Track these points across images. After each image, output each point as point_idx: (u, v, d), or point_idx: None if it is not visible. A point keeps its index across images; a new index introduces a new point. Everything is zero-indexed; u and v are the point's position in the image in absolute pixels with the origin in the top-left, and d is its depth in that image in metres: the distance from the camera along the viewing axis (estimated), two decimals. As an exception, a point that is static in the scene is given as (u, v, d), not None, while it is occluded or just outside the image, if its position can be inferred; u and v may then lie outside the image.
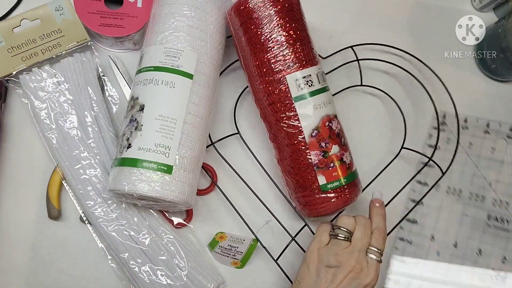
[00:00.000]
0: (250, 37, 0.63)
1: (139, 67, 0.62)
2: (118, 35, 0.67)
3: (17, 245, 0.65)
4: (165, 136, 0.58)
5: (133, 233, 0.65)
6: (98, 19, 0.66)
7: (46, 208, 0.66)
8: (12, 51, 0.65)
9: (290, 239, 0.68)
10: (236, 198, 0.69)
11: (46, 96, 0.66)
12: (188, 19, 0.62)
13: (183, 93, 0.60)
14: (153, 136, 0.58)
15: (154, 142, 0.58)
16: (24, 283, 0.65)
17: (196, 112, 0.61)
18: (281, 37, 0.62)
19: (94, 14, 0.66)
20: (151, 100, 0.59)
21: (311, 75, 0.62)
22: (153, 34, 0.62)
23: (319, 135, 0.62)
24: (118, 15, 0.67)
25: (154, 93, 0.59)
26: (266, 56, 0.62)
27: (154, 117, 0.58)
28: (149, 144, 0.58)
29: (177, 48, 0.61)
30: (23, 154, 0.67)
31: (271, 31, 0.62)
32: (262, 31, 0.62)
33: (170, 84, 0.60)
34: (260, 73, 0.63)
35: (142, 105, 0.59)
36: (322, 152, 0.62)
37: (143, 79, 0.60)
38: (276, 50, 0.62)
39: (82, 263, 0.66)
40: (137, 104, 0.59)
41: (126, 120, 0.61)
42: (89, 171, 0.65)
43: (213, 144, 0.69)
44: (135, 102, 0.60)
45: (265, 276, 0.70)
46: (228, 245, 0.67)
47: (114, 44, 0.69)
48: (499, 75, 0.79)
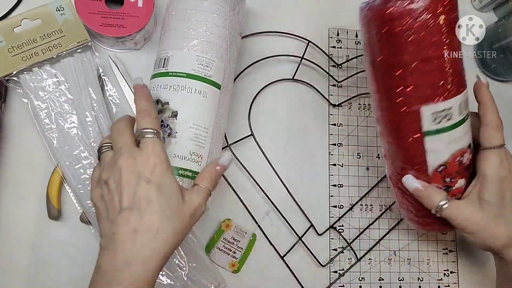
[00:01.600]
0: (391, 54, 0.54)
1: (165, 69, 0.61)
2: (119, 35, 0.66)
3: (17, 245, 0.65)
4: (198, 145, 0.59)
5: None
6: (99, 19, 0.66)
7: (46, 208, 0.65)
8: (12, 50, 0.64)
9: (297, 239, 0.70)
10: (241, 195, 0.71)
11: (46, 96, 0.65)
12: (217, 28, 0.61)
13: (213, 103, 0.60)
14: (188, 144, 0.58)
15: (189, 150, 0.58)
16: (24, 283, 0.64)
17: (221, 121, 0.62)
18: (435, 57, 0.52)
19: (95, 14, 0.66)
20: (185, 108, 0.59)
21: (452, 107, 0.54)
22: (180, 38, 0.61)
23: (445, 171, 0.57)
24: (119, 15, 0.66)
25: (188, 101, 0.59)
26: (406, 80, 0.53)
27: (189, 126, 0.58)
28: (184, 152, 0.58)
29: (209, 58, 0.60)
30: (23, 154, 0.67)
31: (426, 49, 0.52)
32: (409, 50, 0.52)
33: (203, 94, 0.59)
34: (388, 98, 0.56)
35: (175, 112, 0.58)
36: (445, 187, 0.59)
37: (173, 84, 0.59)
38: (423, 74, 0.52)
39: (82, 263, 0.66)
40: (168, 109, 0.58)
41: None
42: (90, 171, 0.65)
43: (229, 146, 0.71)
44: (164, 106, 0.59)
45: (265, 276, 0.70)
46: (232, 237, 0.69)
47: (115, 44, 0.69)
48: (499, 75, 0.80)
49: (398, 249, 0.75)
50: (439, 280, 0.74)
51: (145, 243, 0.45)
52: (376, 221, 0.74)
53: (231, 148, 0.71)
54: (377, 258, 0.74)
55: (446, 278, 0.75)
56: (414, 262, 0.75)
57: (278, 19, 0.77)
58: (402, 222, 0.75)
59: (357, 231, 0.73)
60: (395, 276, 0.74)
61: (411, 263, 0.74)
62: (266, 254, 0.70)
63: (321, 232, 0.72)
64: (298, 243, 0.71)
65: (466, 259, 0.76)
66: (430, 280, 0.74)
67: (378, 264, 0.74)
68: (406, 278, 0.74)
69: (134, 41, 0.69)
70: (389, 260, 0.74)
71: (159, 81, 0.60)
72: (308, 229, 0.71)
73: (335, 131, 0.76)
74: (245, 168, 0.70)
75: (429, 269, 0.75)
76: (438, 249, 0.75)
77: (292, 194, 0.71)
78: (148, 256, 0.45)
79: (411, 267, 0.74)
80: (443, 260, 0.75)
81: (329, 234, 0.73)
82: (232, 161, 0.59)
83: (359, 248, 0.73)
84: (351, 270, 0.73)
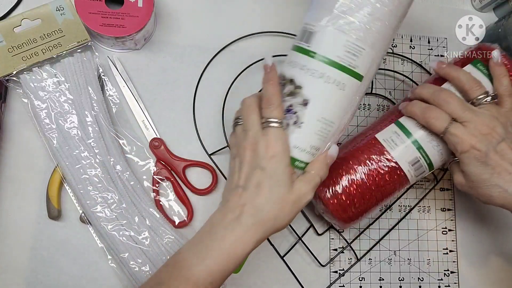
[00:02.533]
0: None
1: (307, 45, 0.54)
2: (119, 35, 0.66)
3: (17, 245, 0.65)
4: (320, 139, 0.54)
5: (133, 233, 0.65)
6: (99, 19, 0.66)
7: (46, 208, 0.66)
8: (12, 50, 0.64)
9: (297, 239, 0.70)
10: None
11: (46, 96, 0.65)
12: (376, 10, 0.53)
13: (349, 96, 0.54)
14: (311, 138, 0.54)
15: (310, 144, 0.54)
16: (24, 283, 0.64)
17: (349, 114, 0.56)
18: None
19: (95, 14, 0.66)
20: (319, 99, 0.53)
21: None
22: (333, 12, 0.52)
23: None
24: (119, 15, 0.66)
25: (324, 93, 0.53)
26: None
27: (317, 118, 0.53)
28: (305, 144, 0.54)
29: (359, 45, 0.52)
30: (23, 154, 0.67)
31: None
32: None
33: (341, 86, 0.53)
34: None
35: (307, 101, 0.53)
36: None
37: (312, 67, 0.53)
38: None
39: (82, 263, 0.66)
40: (300, 95, 0.53)
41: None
42: (90, 171, 0.65)
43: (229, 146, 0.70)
44: (296, 90, 0.53)
45: (265, 276, 0.70)
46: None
47: (115, 44, 0.69)
48: (499, 75, 0.79)
49: (398, 249, 0.74)
50: (440, 280, 0.74)
51: (248, 216, 0.51)
52: (376, 221, 0.74)
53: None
54: (377, 258, 0.74)
55: (447, 278, 0.75)
56: (414, 262, 0.74)
57: (279, 19, 0.77)
58: (402, 222, 0.75)
59: (357, 231, 0.73)
60: (395, 276, 0.74)
61: (411, 263, 0.74)
62: (266, 254, 0.70)
63: (321, 232, 0.72)
64: (298, 243, 0.71)
65: (466, 259, 0.76)
66: (430, 280, 0.74)
67: (378, 264, 0.74)
68: (406, 278, 0.74)
69: (134, 41, 0.69)
70: (389, 260, 0.74)
71: (297, 58, 0.54)
72: (308, 229, 0.71)
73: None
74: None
75: (429, 269, 0.75)
76: (438, 249, 0.75)
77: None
78: (249, 227, 0.51)
79: (411, 267, 0.74)
80: (444, 260, 0.75)
81: (329, 234, 0.73)
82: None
83: (359, 248, 0.73)
84: (351, 270, 0.73)
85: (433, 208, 0.76)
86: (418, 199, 0.76)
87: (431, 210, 0.76)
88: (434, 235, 0.76)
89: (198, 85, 0.73)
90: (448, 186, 0.77)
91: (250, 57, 0.74)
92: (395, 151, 0.61)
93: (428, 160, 0.62)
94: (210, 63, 0.74)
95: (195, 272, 0.49)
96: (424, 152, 0.61)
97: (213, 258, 0.50)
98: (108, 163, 0.66)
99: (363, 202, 0.62)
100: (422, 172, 0.63)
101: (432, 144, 0.61)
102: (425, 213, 0.76)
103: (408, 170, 0.62)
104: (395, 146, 0.62)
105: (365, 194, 0.62)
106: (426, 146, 0.61)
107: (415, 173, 0.62)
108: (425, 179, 0.76)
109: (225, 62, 0.74)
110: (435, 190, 0.77)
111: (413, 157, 0.61)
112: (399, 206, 0.75)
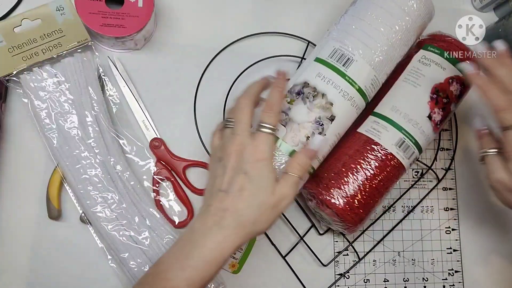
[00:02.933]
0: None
1: (344, 69, 0.60)
2: (119, 35, 0.67)
3: (17, 245, 0.65)
4: (329, 149, 0.62)
5: (133, 233, 0.64)
6: (99, 19, 0.66)
7: (46, 208, 0.65)
8: (12, 50, 0.65)
9: (299, 239, 0.70)
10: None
11: (46, 96, 0.65)
12: (399, 47, 0.62)
13: (356, 115, 0.63)
14: (325, 149, 0.61)
15: (323, 154, 0.61)
16: (24, 283, 0.64)
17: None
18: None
19: (95, 14, 0.66)
20: (342, 118, 0.60)
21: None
22: (372, 46, 0.60)
23: None
24: (119, 15, 0.67)
25: (347, 113, 0.60)
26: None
27: (335, 134, 0.61)
28: (320, 154, 0.61)
29: (380, 79, 0.62)
30: (23, 154, 0.67)
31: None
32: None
33: (358, 110, 0.62)
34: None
35: (333, 117, 0.59)
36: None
37: (345, 90, 0.59)
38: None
39: (82, 263, 0.66)
40: (329, 110, 0.59)
41: (309, 113, 0.59)
42: (90, 171, 0.65)
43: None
44: (327, 105, 0.59)
45: (265, 276, 0.70)
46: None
47: (115, 44, 0.69)
48: (500, 75, 0.79)
49: (402, 249, 0.74)
50: (444, 280, 0.73)
51: (229, 221, 0.51)
52: (379, 221, 0.73)
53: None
54: (382, 259, 0.73)
55: (451, 277, 0.74)
56: (419, 262, 0.74)
57: (279, 19, 0.77)
58: (406, 223, 0.74)
59: (359, 232, 0.73)
60: (400, 277, 0.73)
61: (415, 264, 0.74)
62: (267, 254, 0.70)
63: (323, 232, 0.71)
64: (299, 243, 0.70)
65: (470, 258, 0.75)
66: (435, 280, 0.73)
67: (383, 266, 0.73)
68: (411, 278, 0.73)
69: (134, 41, 0.70)
70: (393, 261, 0.73)
71: (332, 76, 0.60)
72: (309, 229, 0.71)
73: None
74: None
75: (433, 269, 0.74)
76: (442, 248, 0.74)
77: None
78: (230, 232, 0.50)
79: (416, 267, 0.73)
80: (448, 259, 0.74)
81: (333, 236, 0.72)
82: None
83: (363, 250, 0.73)
84: (356, 272, 0.72)
85: (436, 208, 0.76)
86: (421, 199, 0.75)
87: (434, 209, 0.76)
88: (438, 235, 0.75)
89: (199, 85, 0.73)
90: (451, 185, 0.77)
91: (251, 57, 0.74)
92: (380, 137, 0.63)
93: (413, 140, 0.64)
94: (211, 63, 0.74)
95: (175, 284, 0.49)
96: (407, 132, 0.63)
97: (193, 267, 0.50)
98: (108, 163, 0.65)
99: (366, 196, 0.62)
100: (412, 153, 0.64)
101: (411, 123, 0.63)
102: (428, 213, 0.75)
103: (397, 152, 0.63)
104: (378, 134, 0.63)
105: (365, 187, 0.62)
106: (407, 126, 0.63)
107: (405, 155, 0.64)
108: (427, 178, 0.76)
109: (226, 62, 0.74)
110: (437, 190, 0.76)
111: (397, 139, 0.63)
112: (402, 206, 0.75)
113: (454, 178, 0.77)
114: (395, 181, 0.65)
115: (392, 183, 0.64)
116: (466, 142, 0.78)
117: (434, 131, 0.65)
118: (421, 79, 0.65)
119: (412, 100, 0.65)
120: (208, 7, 0.76)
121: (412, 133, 0.64)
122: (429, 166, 0.75)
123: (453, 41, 0.67)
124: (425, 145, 0.66)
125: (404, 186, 0.75)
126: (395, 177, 0.64)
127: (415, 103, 0.65)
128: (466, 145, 0.78)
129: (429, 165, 0.75)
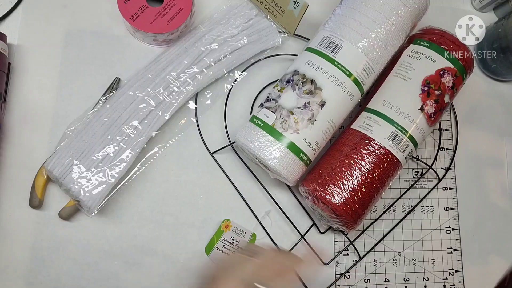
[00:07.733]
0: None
1: (333, 55, 0.62)
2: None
3: (17, 245, 0.65)
4: (323, 138, 0.63)
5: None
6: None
7: (29, 196, 0.65)
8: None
9: (300, 237, 0.70)
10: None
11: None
12: (394, 35, 0.63)
13: (353, 105, 0.64)
14: (318, 135, 0.62)
15: (315, 140, 0.62)
16: (24, 283, 0.64)
17: (341, 121, 0.65)
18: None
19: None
20: (333, 103, 0.61)
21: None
22: (360, 34, 0.62)
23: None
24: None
25: (337, 98, 0.62)
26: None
27: (327, 120, 0.62)
28: (312, 140, 0.62)
29: (373, 67, 0.63)
30: (23, 154, 0.67)
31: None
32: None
33: (351, 96, 0.63)
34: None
35: (323, 102, 0.61)
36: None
37: (335, 75, 0.61)
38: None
39: (82, 263, 0.65)
40: (319, 95, 0.60)
41: (298, 99, 0.61)
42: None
43: (231, 145, 0.70)
44: (316, 91, 0.60)
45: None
46: (231, 237, 0.68)
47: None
48: (499, 75, 0.80)
49: (402, 249, 0.74)
50: (444, 280, 0.73)
51: None
52: (379, 221, 0.73)
53: (233, 147, 0.70)
54: (382, 259, 0.73)
55: (451, 277, 0.74)
56: (419, 262, 0.74)
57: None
58: (406, 222, 0.74)
59: (359, 231, 0.73)
60: (401, 276, 0.73)
61: (416, 263, 0.74)
62: (268, 253, 0.70)
63: (324, 231, 0.71)
64: (300, 241, 0.70)
65: (470, 257, 0.75)
66: (435, 279, 0.73)
67: (383, 265, 0.73)
68: (411, 278, 0.73)
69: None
70: (394, 261, 0.73)
71: (321, 62, 0.62)
72: (310, 228, 0.71)
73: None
74: (247, 166, 0.70)
75: (434, 269, 0.74)
76: (443, 248, 0.74)
77: (294, 192, 0.71)
78: None
79: (416, 267, 0.73)
80: (448, 259, 0.74)
81: (333, 233, 0.72)
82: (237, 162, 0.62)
83: (364, 249, 0.73)
84: (356, 272, 0.72)
85: (436, 208, 0.76)
86: (421, 198, 0.75)
87: (435, 209, 0.76)
88: (438, 235, 0.75)
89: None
90: (451, 185, 0.77)
91: (251, 57, 0.73)
92: (372, 132, 0.64)
93: (406, 133, 0.64)
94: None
95: None
96: (399, 125, 0.64)
97: None
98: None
99: (361, 192, 0.62)
100: (406, 146, 0.65)
101: (403, 116, 0.64)
102: (429, 212, 0.75)
103: (390, 146, 0.63)
104: (370, 128, 0.64)
105: (360, 183, 0.62)
106: (398, 120, 0.64)
107: (399, 148, 0.64)
108: (427, 178, 0.76)
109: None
110: (438, 189, 0.76)
111: (389, 132, 0.63)
112: (403, 206, 0.75)
113: (454, 178, 0.77)
114: (391, 176, 0.65)
115: (388, 177, 0.64)
116: (466, 142, 0.78)
117: (428, 124, 0.65)
118: (411, 73, 0.65)
119: (403, 93, 0.65)
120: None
121: (405, 126, 0.64)
122: (430, 166, 0.75)
123: (442, 33, 0.67)
124: (420, 139, 0.66)
125: (404, 185, 0.75)
126: (391, 171, 0.64)
127: (406, 96, 0.65)
128: (466, 145, 0.78)
129: (430, 165, 0.75)
